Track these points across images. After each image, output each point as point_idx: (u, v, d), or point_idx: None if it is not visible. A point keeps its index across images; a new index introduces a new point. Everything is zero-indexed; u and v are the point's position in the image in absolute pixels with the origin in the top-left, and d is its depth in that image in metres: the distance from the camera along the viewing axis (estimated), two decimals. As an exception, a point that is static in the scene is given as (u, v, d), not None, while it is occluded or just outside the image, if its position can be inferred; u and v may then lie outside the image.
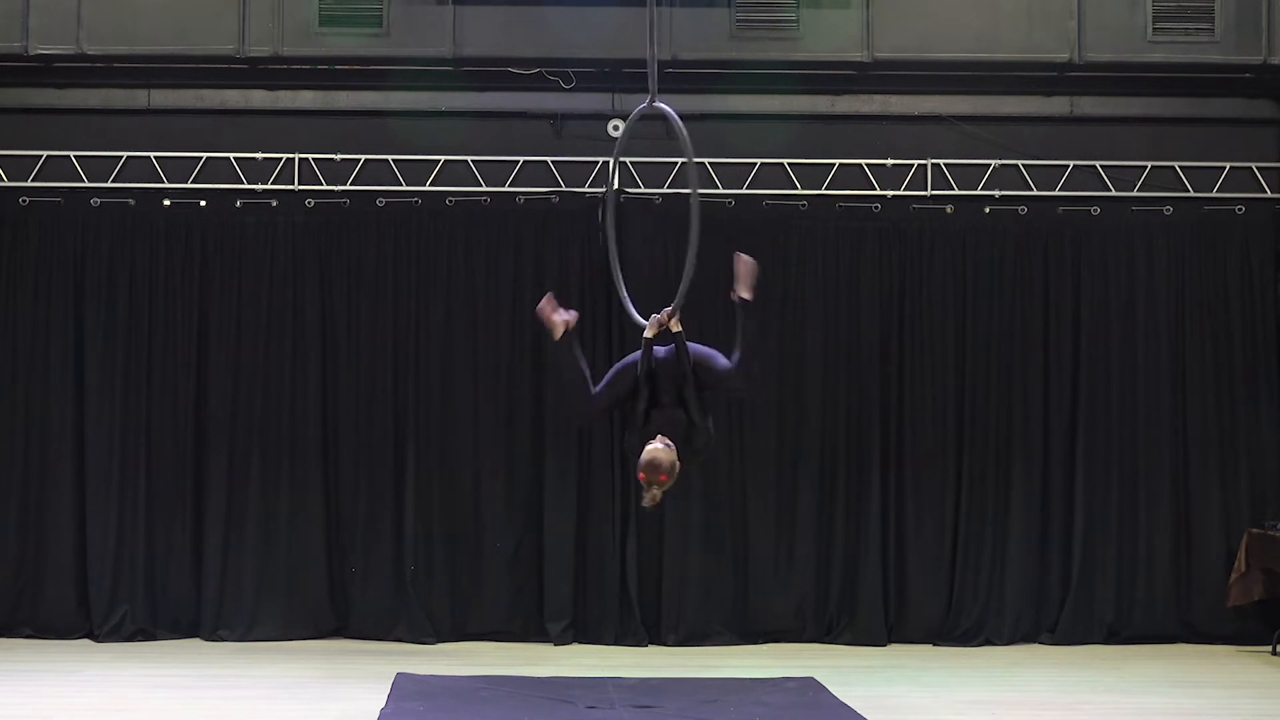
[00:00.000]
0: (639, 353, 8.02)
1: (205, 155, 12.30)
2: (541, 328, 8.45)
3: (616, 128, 12.19)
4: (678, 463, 7.87)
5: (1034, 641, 12.29)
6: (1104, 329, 12.43)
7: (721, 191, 12.35)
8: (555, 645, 12.03)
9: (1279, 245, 12.55)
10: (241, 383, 12.16)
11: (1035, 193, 12.48)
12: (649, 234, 12.26)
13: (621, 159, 12.19)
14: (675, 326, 7.96)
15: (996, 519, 12.32)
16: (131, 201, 12.23)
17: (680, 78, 11.94)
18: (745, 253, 8.15)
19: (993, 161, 12.49)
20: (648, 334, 8.00)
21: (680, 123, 8.20)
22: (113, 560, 12.02)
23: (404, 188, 12.34)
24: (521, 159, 12.37)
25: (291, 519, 12.12)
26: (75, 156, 12.26)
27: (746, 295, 8.01)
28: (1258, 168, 12.54)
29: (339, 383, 12.23)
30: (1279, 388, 12.48)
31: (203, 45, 11.81)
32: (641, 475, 7.90)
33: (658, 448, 7.86)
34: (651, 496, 7.95)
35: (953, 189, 12.48)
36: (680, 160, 11.95)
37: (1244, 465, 12.39)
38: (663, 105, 8.33)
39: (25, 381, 12.13)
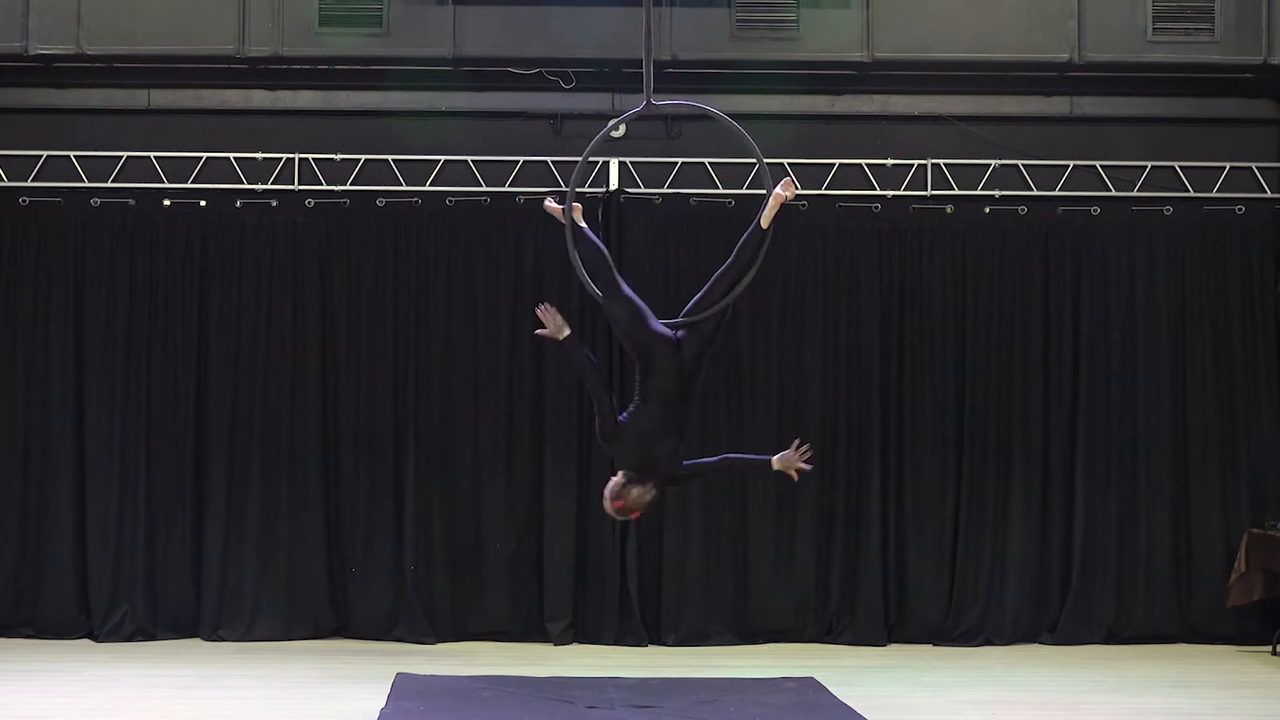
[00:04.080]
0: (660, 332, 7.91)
1: (205, 155, 12.29)
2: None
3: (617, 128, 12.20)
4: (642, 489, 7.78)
5: (1034, 641, 12.28)
6: (1104, 329, 12.42)
7: (721, 191, 12.34)
8: (555, 645, 12.02)
9: (1279, 245, 12.55)
10: (241, 383, 12.16)
11: (1035, 193, 12.47)
12: (649, 234, 12.26)
13: (622, 159, 12.27)
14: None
15: (996, 519, 12.32)
16: (131, 201, 12.22)
17: (680, 78, 11.94)
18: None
19: (993, 161, 12.48)
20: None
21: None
22: (113, 560, 12.02)
23: (404, 188, 12.33)
24: (521, 159, 12.36)
25: (291, 519, 12.12)
26: (75, 156, 12.26)
27: (765, 224, 8.02)
28: (1258, 168, 12.54)
29: (339, 383, 12.23)
30: (1279, 388, 12.48)
31: (203, 45, 11.80)
32: (619, 505, 7.81)
33: (622, 484, 7.78)
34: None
35: (953, 189, 12.48)
36: (680, 160, 12.06)
37: (1244, 465, 12.39)
38: (664, 100, 8.34)
39: (25, 381, 12.13)
